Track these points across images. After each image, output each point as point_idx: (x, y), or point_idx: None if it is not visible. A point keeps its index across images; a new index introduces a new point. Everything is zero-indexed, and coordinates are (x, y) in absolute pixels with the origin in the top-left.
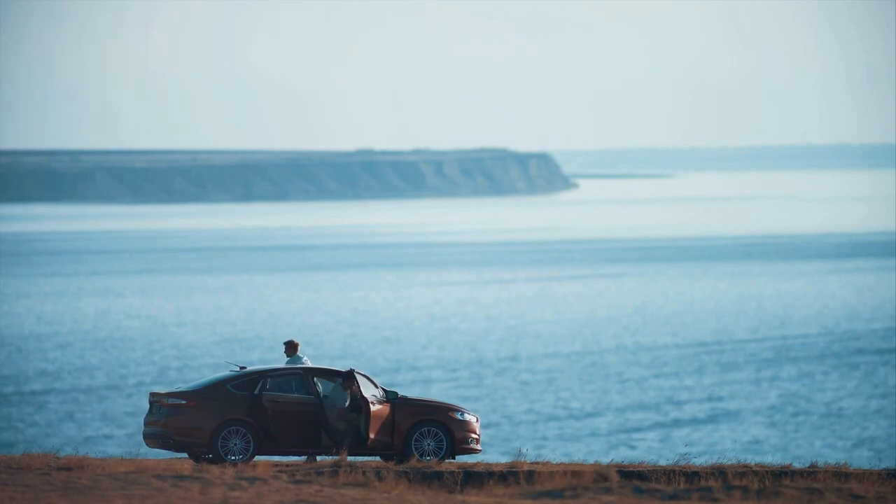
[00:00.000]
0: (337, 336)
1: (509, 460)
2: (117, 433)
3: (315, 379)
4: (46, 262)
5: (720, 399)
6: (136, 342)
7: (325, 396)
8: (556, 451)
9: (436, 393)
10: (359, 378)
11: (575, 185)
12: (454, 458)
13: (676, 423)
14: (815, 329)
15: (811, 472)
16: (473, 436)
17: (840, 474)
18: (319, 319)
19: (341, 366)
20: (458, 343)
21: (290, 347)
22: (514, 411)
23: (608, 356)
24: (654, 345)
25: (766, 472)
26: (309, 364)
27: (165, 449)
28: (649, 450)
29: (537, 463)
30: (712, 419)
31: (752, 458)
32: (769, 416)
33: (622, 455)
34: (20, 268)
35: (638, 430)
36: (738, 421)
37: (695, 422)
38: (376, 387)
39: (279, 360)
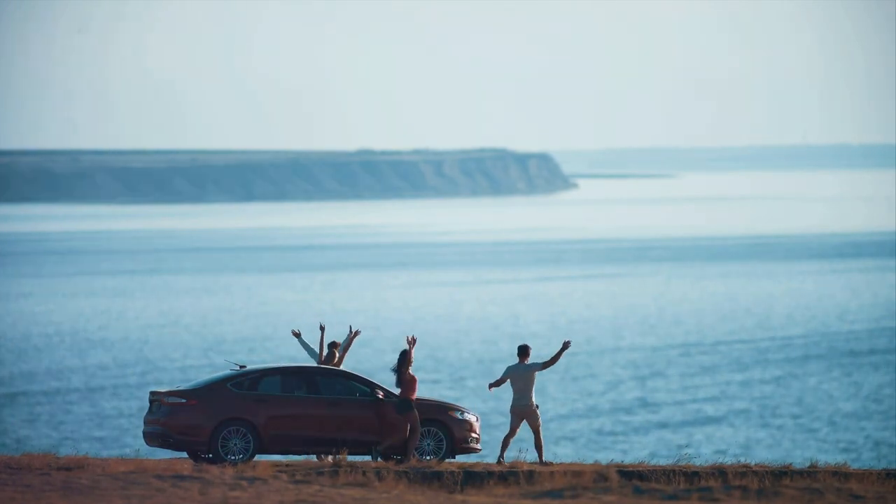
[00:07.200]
0: (331, 335)
1: (509, 460)
2: (116, 433)
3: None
4: (45, 262)
5: (717, 399)
6: (135, 342)
7: None
8: (550, 452)
9: (429, 392)
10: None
11: (575, 185)
12: (454, 458)
13: (672, 424)
14: (815, 329)
15: (811, 472)
16: (473, 435)
17: (840, 474)
18: (315, 319)
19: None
20: (456, 343)
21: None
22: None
23: (606, 356)
24: (653, 345)
25: (766, 472)
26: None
27: (165, 447)
28: (645, 451)
29: (537, 463)
30: (709, 420)
31: (747, 459)
32: (763, 416)
33: (620, 456)
34: (19, 268)
35: (635, 431)
36: (734, 422)
37: (690, 423)
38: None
39: (279, 360)
